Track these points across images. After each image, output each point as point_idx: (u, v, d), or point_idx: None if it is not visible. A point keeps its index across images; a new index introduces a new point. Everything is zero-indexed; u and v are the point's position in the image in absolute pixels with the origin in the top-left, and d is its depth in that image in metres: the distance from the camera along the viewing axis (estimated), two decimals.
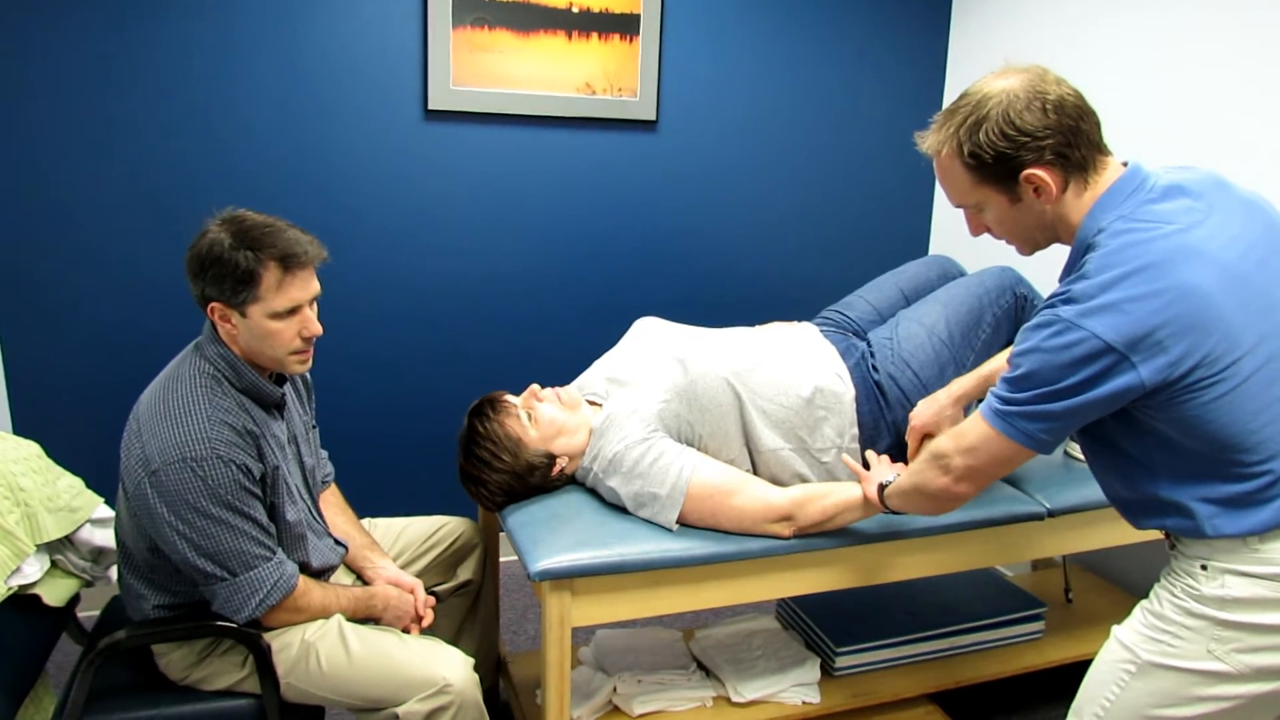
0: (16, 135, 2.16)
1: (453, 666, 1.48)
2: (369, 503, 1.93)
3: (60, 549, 1.63)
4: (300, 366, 1.47)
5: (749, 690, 1.84)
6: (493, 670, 2.02)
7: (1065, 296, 1.10)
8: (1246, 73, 2.02)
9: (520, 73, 2.48)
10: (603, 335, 2.06)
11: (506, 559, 2.63)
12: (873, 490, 1.51)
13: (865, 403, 1.73)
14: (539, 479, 1.68)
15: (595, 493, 1.70)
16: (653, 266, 2.77)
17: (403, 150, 2.46)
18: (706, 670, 1.93)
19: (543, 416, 1.68)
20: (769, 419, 1.67)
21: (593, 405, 1.77)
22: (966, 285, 1.88)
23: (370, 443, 2.59)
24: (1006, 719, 2.15)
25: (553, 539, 1.53)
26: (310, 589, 1.49)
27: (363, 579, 1.70)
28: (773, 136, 2.80)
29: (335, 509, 1.75)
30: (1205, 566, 1.14)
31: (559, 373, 2.02)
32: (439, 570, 1.86)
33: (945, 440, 1.27)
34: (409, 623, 1.64)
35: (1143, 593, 1.24)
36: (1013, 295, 1.85)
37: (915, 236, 3.07)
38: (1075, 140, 1.14)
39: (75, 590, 1.64)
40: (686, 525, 1.58)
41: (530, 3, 2.44)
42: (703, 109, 2.70)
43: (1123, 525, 1.29)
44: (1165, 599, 1.18)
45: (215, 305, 1.39)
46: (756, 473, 1.68)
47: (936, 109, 1.09)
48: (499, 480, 1.67)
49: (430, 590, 1.73)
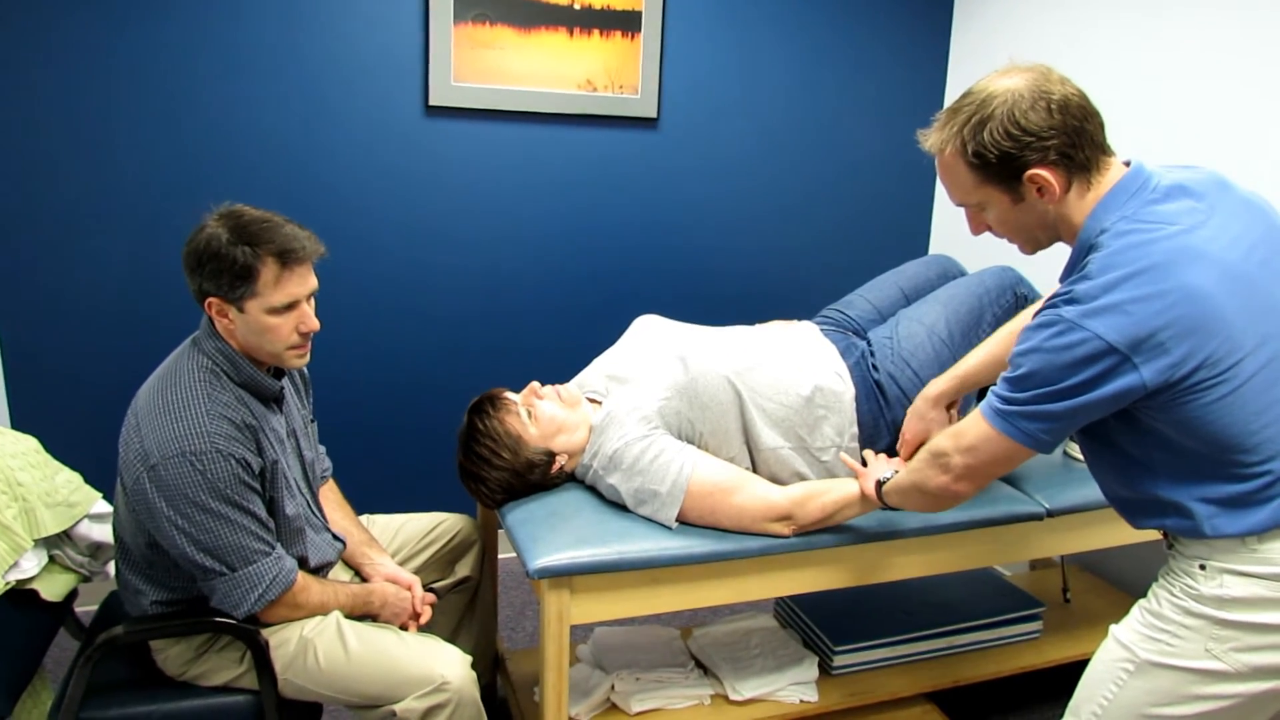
0: (16, 130, 2.15)
1: (450, 664, 1.48)
2: (367, 499, 1.93)
3: (58, 544, 1.62)
4: (298, 361, 1.47)
5: (747, 688, 1.84)
6: (490, 667, 2.02)
7: (1068, 297, 1.09)
8: (1248, 72, 2.02)
9: (521, 69, 2.48)
10: (602, 332, 2.06)
11: (505, 556, 2.63)
12: (870, 486, 1.51)
13: (865, 402, 1.73)
14: (538, 476, 1.68)
15: (594, 490, 1.70)
16: (653, 264, 2.77)
17: (403, 146, 2.46)
18: (704, 668, 1.93)
19: (543, 414, 1.68)
20: (769, 417, 1.67)
21: (592, 403, 1.77)
22: (967, 285, 1.88)
23: (368, 439, 2.59)
24: (1004, 718, 2.15)
25: (552, 536, 1.53)
26: (309, 585, 1.49)
27: (361, 575, 1.70)
28: (773, 135, 2.80)
29: (333, 505, 1.74)
30: (1204, 566, 1.14)
31: (559, 369, 2.02)
32: (437, 567, 1.86)
33: (944, 439, 1.27)
34: (407, 620, 1.64)
35: (1140, 593, 1.24)
36: (1013, 295, 1.84)
37: (915, 235, 3.07)
38: (1079, 140, 1.13)
39: (73, 585, 1.64)
40: (686, 523, 1.58)
41: None
42: (704, 107, 2.70)
43: (1121, 525, 1.29)
44: (1164, 598, 1.18)
45: (213, 300, 1.39)
46: (756, 471, 1.68)
47: (938, 108, 1.09)
48: (498, 477, 1.67)
49: (428, 587, 1.73)
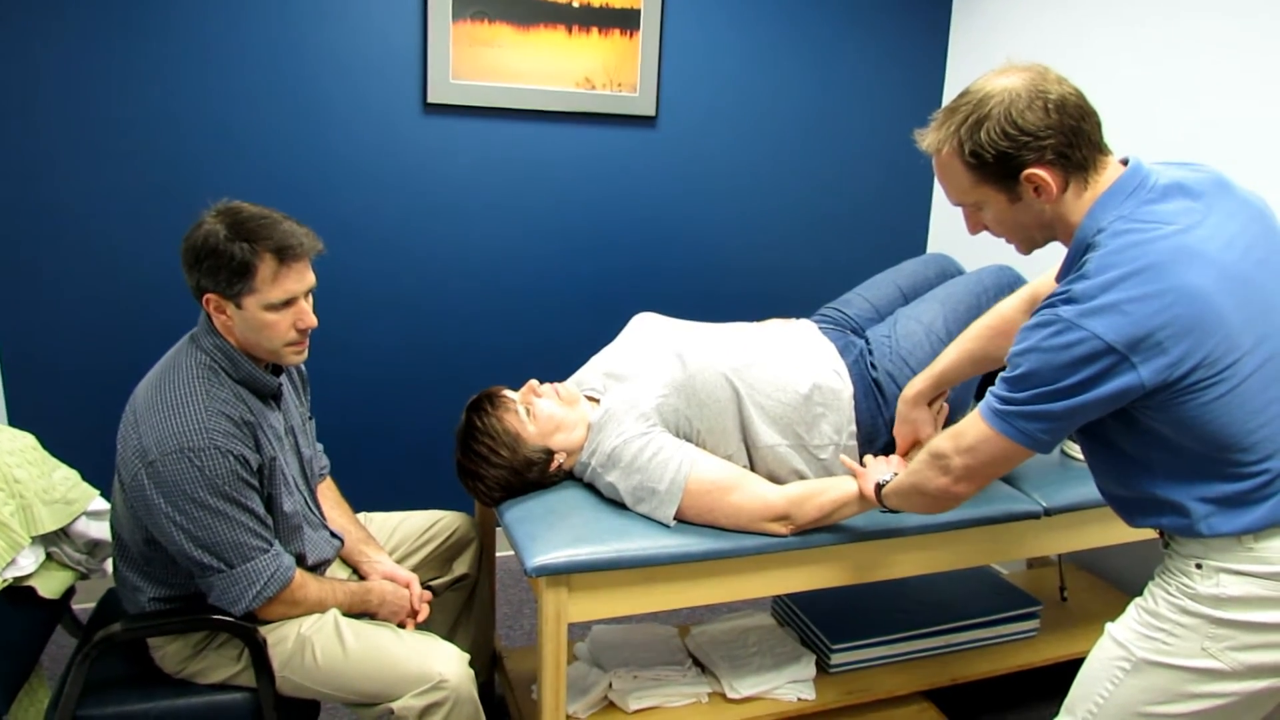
0: (12, 126, 2.14)
1: (448, 662, 1.48)
2: (365, 497, 1.93)
3: (56, 541, 1.62)
4: (296, 358, 1.47)
5: (744, 686, 1.84)
6: (488, 665, 2.02)
7: (1065, 296, 1.09)
8: (1246, 72, 2.02)
9: (520, 67, 2.48)
10: (601, 330, 2.05)
11: (503, 554, 2.63)
12: (869, 488, 1.51)
13: (863, 400, 1.73)
14: (536, 475, 1.68)
15: (592, 488, 1.70)
16: (651, 262, 2.77)
17: (402, 144, 2.46)
18: (702, 666, 1.93)
19: (541, 412, 1.68)
20: (767, 415, 1.67)
21: (591, 400, 1.77)
22: (965, 284, 1.88)
23: (366, 436, 2.59)
24: (1001, 717, 2.15)
25: (550, 535, 1.53)
26: (307, 582, 1.49)
27: (358, 573, 1.70)
28: (772, 133, 2.80)
29: (331, 503, 1.74)
30: (1200, 565, 1.15)
31: (557, 367, 2.02)
32: (435, 565, 1.85)
33: (944, 440, 1.27)
34: (404, 617, 1.64)
35: (1137, 591, 1.24)
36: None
37: (914, 234, 3.07)
38: (1076, 140, 1.13)
39: (70, 583, 1.64)
40: (684, 521, 1.59)
41: None
42: (702, 105, 2.70)
43: (1118, 524, 1.30)
44: (1160, 597, 1.19)
45: (211, 296, 1.39)
46: (754, 469, 1.68)
47: (936, 106, 1.09)
48: (496, 476, 1.67)
49: (426, 585, 1.73)
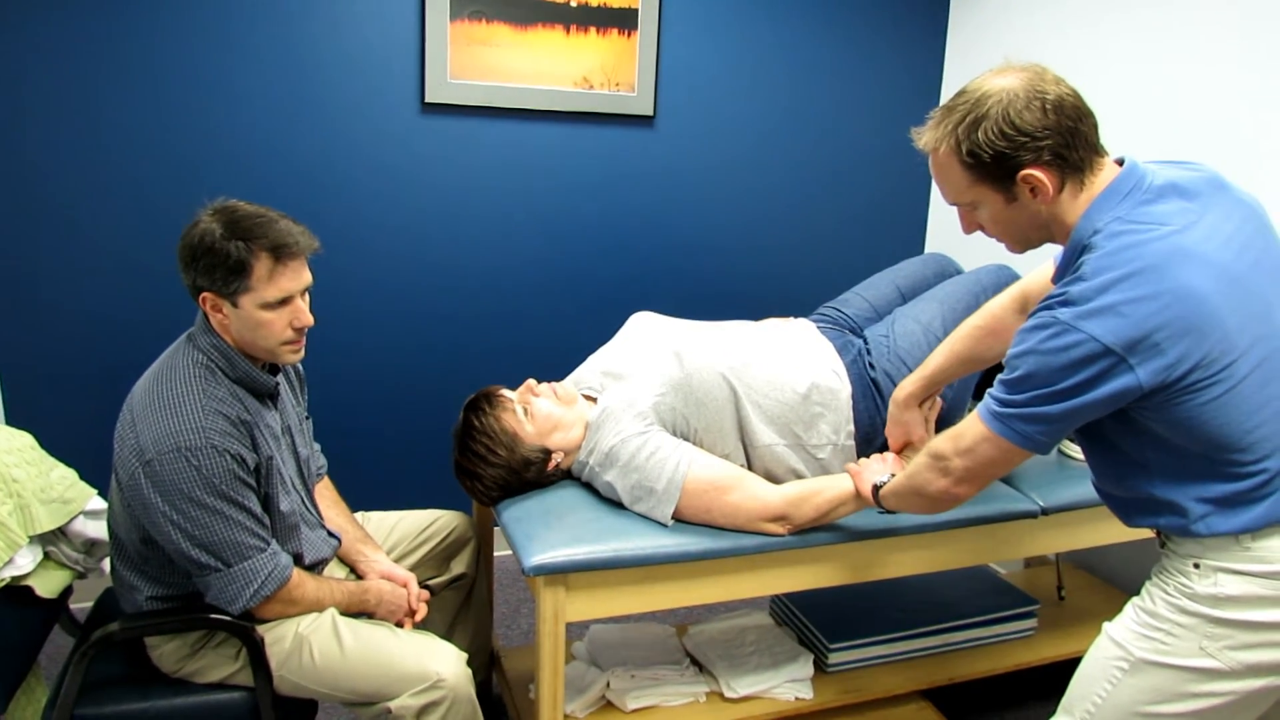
0: (9, 126, 2.14)
1: (446, 661, 1.48)
2: (362, 496, 1.93)
3: (53, 541, 1.62)
4: (292, 357, 1.47)
5: (742, 686, 1.84)
6: (486, 665, 2.02)
7: (1062, 298, 1.09)
8: (1245, 72, 2.02)
9: (518, 66, 2.47)
10: (599, 329, 2.05)
11: (500, 553, 2.63)
12: (866, 489, 1.51)
13: (861, 400, 1.73)
14: (534, 474, 1.68)
15: (590, 488, 1.70)
16: (649, 262, 2.77)
17: (399, 143, 2.45)
18: (700, 666, 1.93)
19: (539, 411, 1.68)
20: (765, 414, 1.67)
21: (588, 400, 1.77)
22: (963, 283, 1.88)
23: (364, 436, 2.59)
24: (998, 716, 2.16)
25: (547, 534, 1.53)
26: (304, 581, 1.49)
27: (356, 573, 1.70)
28: (770, 132, 2.80)
29: (328, 502, 1.74)
30: (1198, 565, 1.15)
31: (555, 367, 2.01)
32: (432, 564, 1.85)
33: (943, 442, 1.27)
34: (402, 617, 1.64)
35: (1135, 590, 1.24)
36: None
37: (912, 234, 3.07)
38: (1073, 141, 1.13)
39: (68, 582, 1.64)
40: (681, 521, 1.59)
41: None
42: (700, 104, 2.70)
43: (1115, 523, 1.30)
44: (1158, 596, 1.19)
45: (207, 295, 1.39)
46: (751, 468, 1.68)
47: (934, 106, 1.09)
48: (494, 475, 1.66)
49: (424, 584, 1.73)
